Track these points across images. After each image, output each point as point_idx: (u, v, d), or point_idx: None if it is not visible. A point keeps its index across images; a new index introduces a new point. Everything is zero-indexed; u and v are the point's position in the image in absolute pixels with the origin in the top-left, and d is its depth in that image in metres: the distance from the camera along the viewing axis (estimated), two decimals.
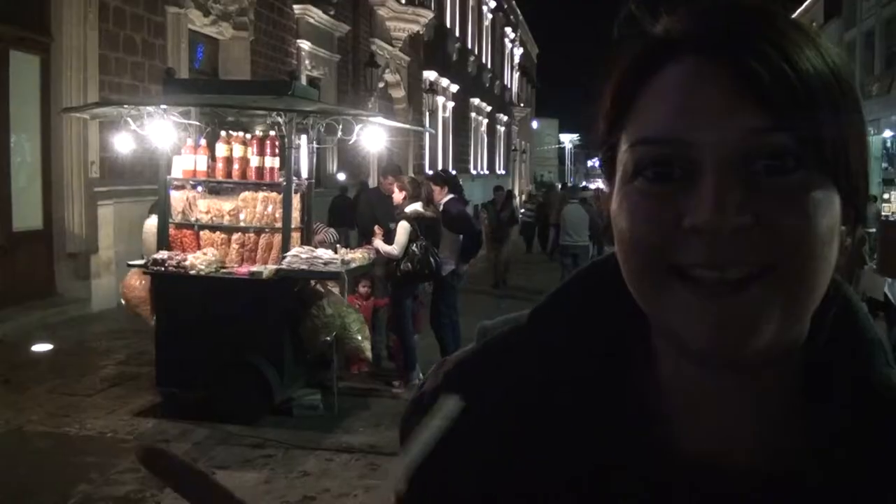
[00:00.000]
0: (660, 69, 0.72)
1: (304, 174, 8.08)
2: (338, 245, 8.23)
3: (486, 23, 44.00)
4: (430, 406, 0.75)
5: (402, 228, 8.30)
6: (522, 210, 26.47)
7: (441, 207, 9.08)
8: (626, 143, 0.74)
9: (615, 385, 0.79)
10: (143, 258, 7.67)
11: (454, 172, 17.30)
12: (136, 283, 7.61)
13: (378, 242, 8.46)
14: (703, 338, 0.68)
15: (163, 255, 7.23)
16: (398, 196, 8.79)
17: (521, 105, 59.55)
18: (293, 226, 7.43)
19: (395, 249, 8.25)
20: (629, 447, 0.76)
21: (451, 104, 34.56)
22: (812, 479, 0.72)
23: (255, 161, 7.50)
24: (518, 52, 57.61)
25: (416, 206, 8.54)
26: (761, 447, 0.75)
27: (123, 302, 7.95)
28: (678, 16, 0.74)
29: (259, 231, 7.51)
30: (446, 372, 0.88)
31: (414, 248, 8.26)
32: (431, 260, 8.34)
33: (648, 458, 0.76)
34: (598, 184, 29.41)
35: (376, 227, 8.83)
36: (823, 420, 0.74)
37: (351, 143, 8.30)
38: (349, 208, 14.51)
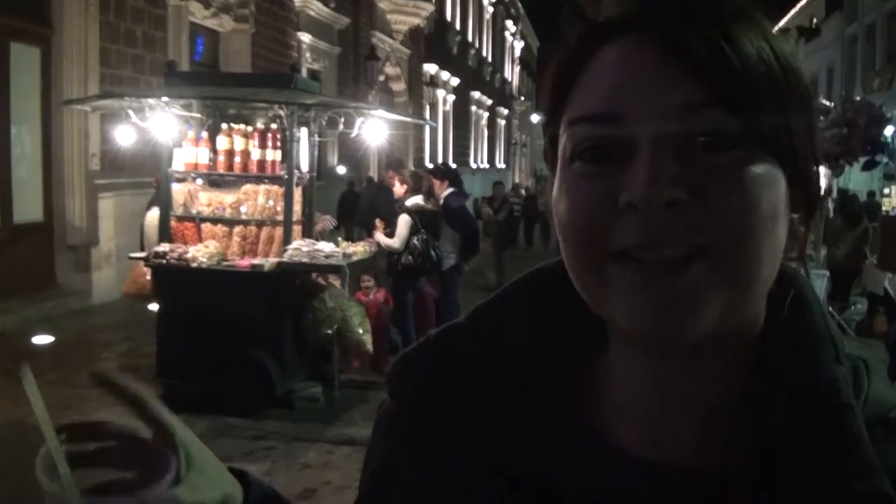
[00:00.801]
0: (598, 51, 0.71)
1: (305, 167, 8.07)
2: (339, 238, 8.23)
3: (487, 16, 43.92)
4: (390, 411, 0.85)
5: (403, 221, 8.31)
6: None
7: (441, 201, 9.08)
8: (564, 125, 0.73)
9: (558, 385, 0.79)
10: (143, 250, 7.67)
11: (454, 166, 17.29)
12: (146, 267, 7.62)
13: (379, 236, 8.47)
14: (645, 321, 0.67)
15: (164, 247, 7.23)
16: (399, 189, 8.81)
17: (522, 99, 59.48)
18: (294, 219, 7.42)
19: (395, 242, 8.26)
20: (572, 449, 0.75)
21: (451, 97, 34.53)
22: (749, 479, 0.70)
23: (256, 154, 7.49)
24: (519, 45, 57.53)
25: (417, 200, 8.55)
26: (703, 444, 0.73)
27: (128, 284, 7.93)
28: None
29: (260, 224, 7.51)
30: (392, 372, 0.88)
31: (415, 241, 8.28)
32: (432, 253, 8.36)
33: (591, 458, 0.75)
34: None
35: (377, 221, 8.83)
36: (762, 417, 0.72)
37: (352, 136, 8.30)
38: (358, 203, 14.53)
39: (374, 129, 8.29)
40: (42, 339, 9.27)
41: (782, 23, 51.28)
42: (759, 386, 0.74)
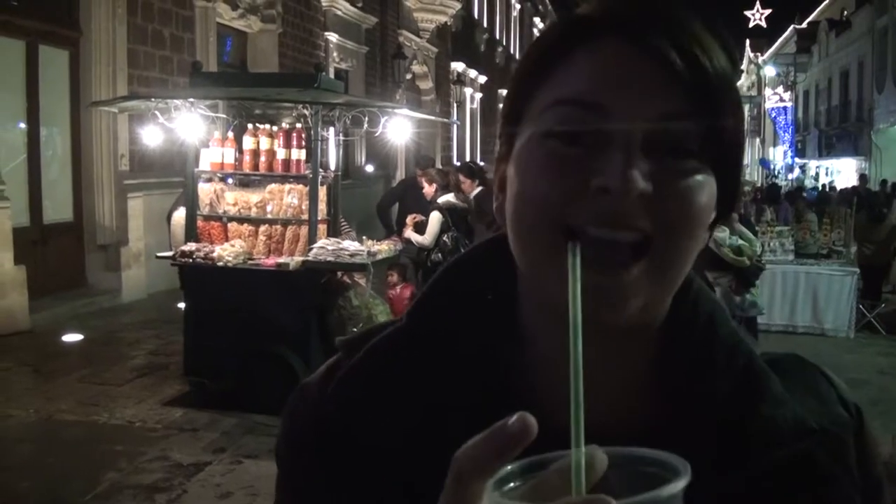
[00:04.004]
0: (581, 45, 0.77)
1: (332, 166, 8.11)
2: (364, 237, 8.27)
3: (515, 13, 43.82)
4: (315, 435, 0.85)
5: (435, 219, 8.33)
6: None
7: (473, 201, 9.08)
8: (544, 103, 0.77)
9: (492, 368, 0.82)
10: (171, 250, 7.74)
11: (482, 164, 17.27)
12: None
13: (410, 232, 8.49)
14: (594, 307, 0.72)
15: (191, 246, 7.30)
16: (429, 189, 8.83)
17: None
18: (319, 217, 7.46)
19: (426, 239, 8.29)
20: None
21: (478, 95, 34.49)
22: (673, 435, 0.75)
23: (281, 153, 7.54)
24: None
25: (449, 197, 8.58)
26: (626, 410, 0.80)
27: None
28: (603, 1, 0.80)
29: (286, 223, 7.55)
30: (333, 390, 0.87)
31: (445, 238, 8.30)
32: (462, 251, 8.37)
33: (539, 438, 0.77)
34: None
35: (409, 216, 8.85)
36: (675, 376, 0.83)
37: (377, 135, 8.34)
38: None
39: (399, 127, 8.32)
40: (72, 337, 9.40)
41: (812, 16, 50.88)
42: (670, 351, 0.84)
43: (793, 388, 0.85)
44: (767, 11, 63.20)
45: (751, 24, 63.91)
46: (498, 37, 38.89)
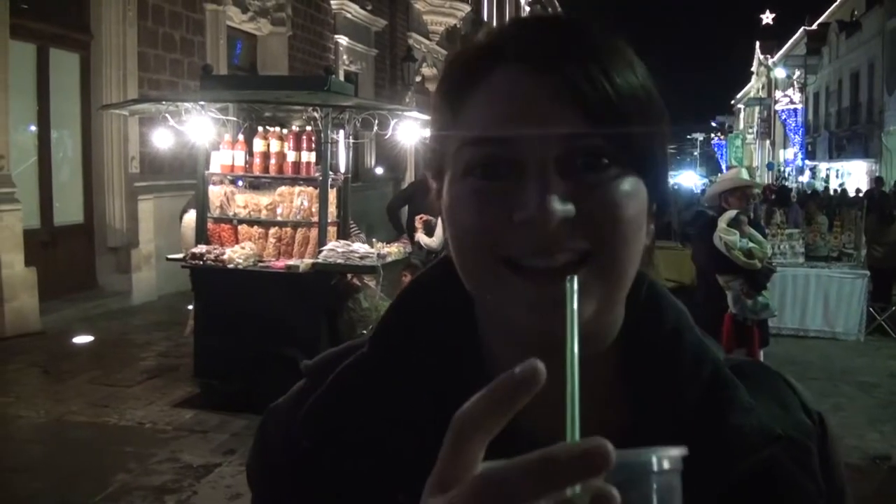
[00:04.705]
0: (487, 75, 0.79)
1: (342, 168, 8.12)
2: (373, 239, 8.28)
3: (524, 15, 43.86)
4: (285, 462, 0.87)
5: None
6: None
7: None
8: (457, 143, 0.80)
9: (455, 387, 0.79)
10: (181, 252, 7.76)
11: None
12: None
13: (420, 234, 8.49)
14: (535, 321, 0.75)
15: (201, 248, 7.32)
16: None
17: None
18: (329, 220, 7.47)
19: (434, 242, 8.29)
20: (506, 451, 0.76)
21: None
22: (637, 438, 0.74)
23: (291, 156, 7.56)
24: None
25: None
26: (594, 429, 0.77)
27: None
28: (505, 27, 0.83)
29: (296, 225, 7.56)
30: (303, 418, 0.89)
31: None
32: None
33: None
34: None
35: (418, 218, 8.85)
36: (642, 398, 0.84)
37: (386, 137, 8.34)
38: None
39: (409, 130, 8.33)
40: (82, 339, 9.43)
41: (822, 18, 50.71)
42: (631, 358, 0.86)
43: (757, 395, 0.86)
44: (772, 15, 63.12)
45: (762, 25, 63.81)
46: None
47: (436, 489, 0.55)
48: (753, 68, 68.45)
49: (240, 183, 7.89)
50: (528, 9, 44.09)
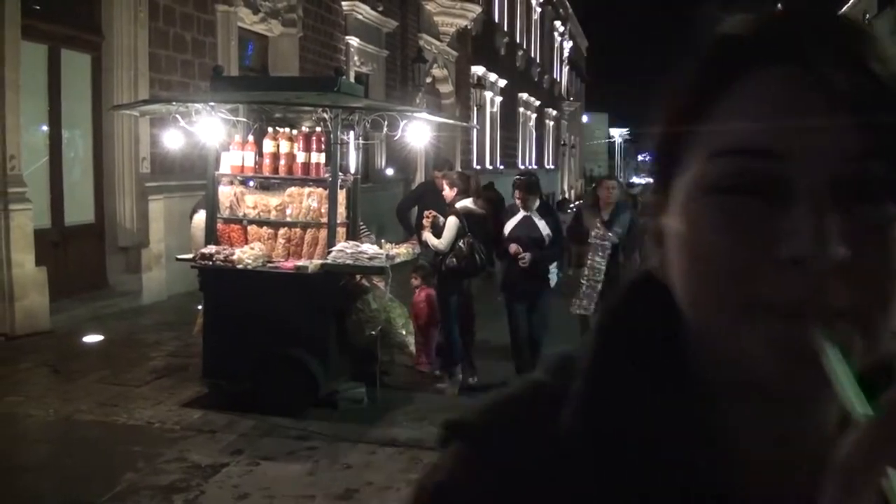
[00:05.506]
0: (743, 75, 0.66)
1: (352, 169, 8.14)
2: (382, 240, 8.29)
3: (535, 16, 43.82)
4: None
5: (451, 223, 8.31)
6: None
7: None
8: (705, 151, 0.66)
9: (680, 437, 0.69)
10: (191, 252, 7.79)
11: (501, 167, 17.22)
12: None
13: (427, 234, 8.49)
14: (784, 372, 0.63)
15: (211, 249, 7.34)
16: (449, 192, 8.82)
17: (571, 99, 59.22)
18: (338, 221, 7.49)
19: (441, 243, 8.28)
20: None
21: (499, 99, 34.47)
22: None
23: (301, 157, 7.58)
24: (567, 45, 57.30)
25: (467, 203, 8.58)
26: (819, 477, 0.66)
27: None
28: (761, 18, 0.69)
29: (305, 226, 7.57)
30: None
31: (461, 244, 8.28)
32: (476, 257, 8.35)
33: None
34: (648, 179, 29.09)
35: (426, 213, 8.84)
36: None
37: (396, 138, 8.35)
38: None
39: (419, 131, 8.33)
40: (92, 338, 9.46)
41: None
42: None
43: None
44: None
45: None
46: (518, 40, 38.90)
47: None
48: None
49: (250, 183, 7.92)
50: (539, 9, 44.08)
